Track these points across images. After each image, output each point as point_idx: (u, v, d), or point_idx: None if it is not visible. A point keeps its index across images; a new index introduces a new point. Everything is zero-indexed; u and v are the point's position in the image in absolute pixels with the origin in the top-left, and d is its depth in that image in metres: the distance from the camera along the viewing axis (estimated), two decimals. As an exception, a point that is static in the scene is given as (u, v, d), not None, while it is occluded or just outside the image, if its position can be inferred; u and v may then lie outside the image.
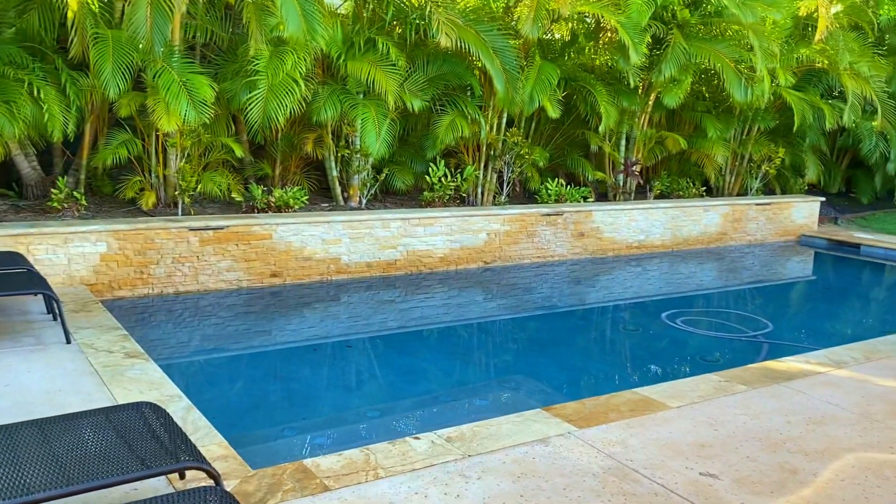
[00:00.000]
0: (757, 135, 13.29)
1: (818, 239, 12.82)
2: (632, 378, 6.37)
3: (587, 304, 9.13)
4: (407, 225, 9.23)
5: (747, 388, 5.14)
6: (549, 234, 10.30)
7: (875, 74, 12.54)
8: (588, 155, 12.25)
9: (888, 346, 6.28)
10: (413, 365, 6.49)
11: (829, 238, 12.65)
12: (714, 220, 11.94)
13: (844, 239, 12.44)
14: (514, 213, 10.03)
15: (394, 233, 9.16)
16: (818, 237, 12.83)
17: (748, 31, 10.81)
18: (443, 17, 9.15)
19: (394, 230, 9.16)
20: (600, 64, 12.04)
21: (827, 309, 9.34)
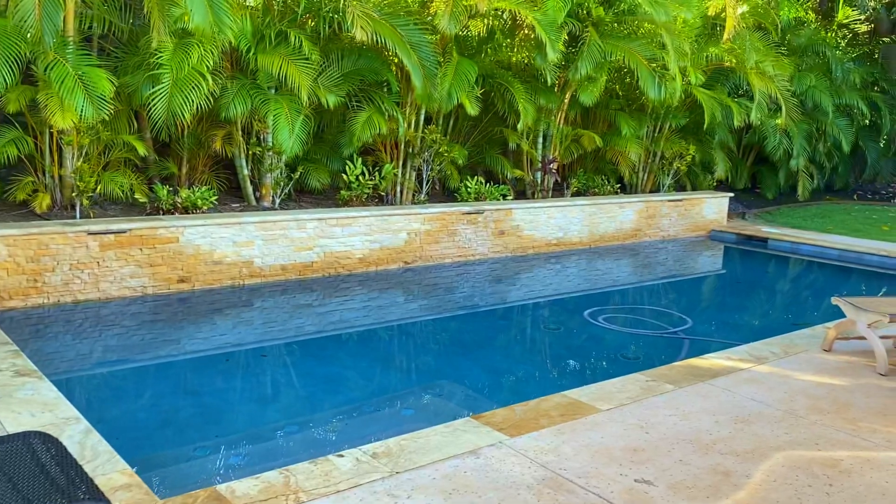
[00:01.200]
0: (668, 132, 13.54)
1: (728, 234, 13.17)
2: (559, 379, 6.27)
3: (510, 302, 9.03)
4: (324, 225, 8.91)
5: (674, 387, 5.11)
6: (469, 233, 10.17)
7: (779, 73, 12.96)
8: (506, 152, 12.19)
9: (804, 339, 6.41)
10: (333, 373, 6.21)
11: (738, 233, 13.01)
12: (629, 217, 12.09)
13: (752, 233, 12.82)
14: (434, 211, 9.84)
15: (310, 234, 8.81)
16: (728, 232, 13.19)
17: (661, 29, 10.96)
18: (357, 10, 8.86)
19: (310, 231, 8.81)
20: (517, 61, 11.99)
21: (741, 303, 9.55)
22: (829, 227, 13.45)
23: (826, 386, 5.25)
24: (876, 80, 17.69)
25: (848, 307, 5.90)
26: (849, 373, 5.56)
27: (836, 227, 13.47)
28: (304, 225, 8.76)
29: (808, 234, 12.63)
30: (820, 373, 5.54)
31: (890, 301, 6.00)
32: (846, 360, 5.85)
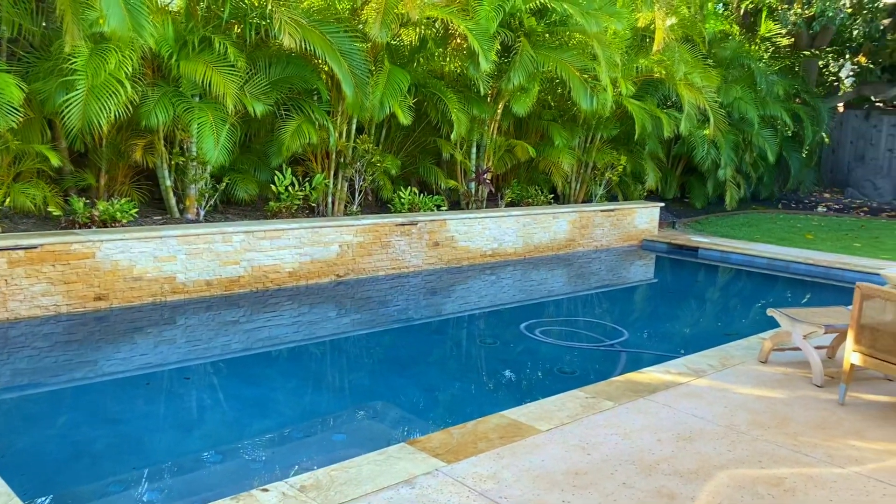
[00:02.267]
0: (600, 143, 13.62)
1: (659, 243, 13.30)
2: (497, 397, 6.08)
3: (445, 316, 8.84)
4: (251, 238, 8.55)
5: (614, 403, 4.99)
6: (403, 245, 9.94)
7: (707, 85, 13.18)
8: (440, 163, 12.02)
9: (740, 351, 6.41)
10: (261, 395, 5.88)
11: (670, 242, 13.16)
12: (563, 227, 12.07)
13: (683, 243, 12.98)
14: (367, 223, 9.59)
15: (236, 247, 8.44)
16: (659, 241, 13.32)
17: (592, 40, 10.99)
18: (285, 16, 8.56)
19: (236, 244, 8.44)
20: (450, 71, 11.86)
21: (675, 313, 9.60)
22: (756, 236, 13.74)
23: (765, 399, 5.22)
24: (798, 93, 18.28)
25: (784, 319, 5.91)
26: (786, 385, 5.55)
27: (763, 236, 13.77)
28: (231, 238, 8.38)
29: (737, 243, 12.86)
30: (758, 386, 5.52)
31: (824, 312, 6.04)
32: (783, 372, 5.85)
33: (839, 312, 6.11)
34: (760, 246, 12.60)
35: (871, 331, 4.98)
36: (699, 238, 13.24)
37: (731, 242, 12.88)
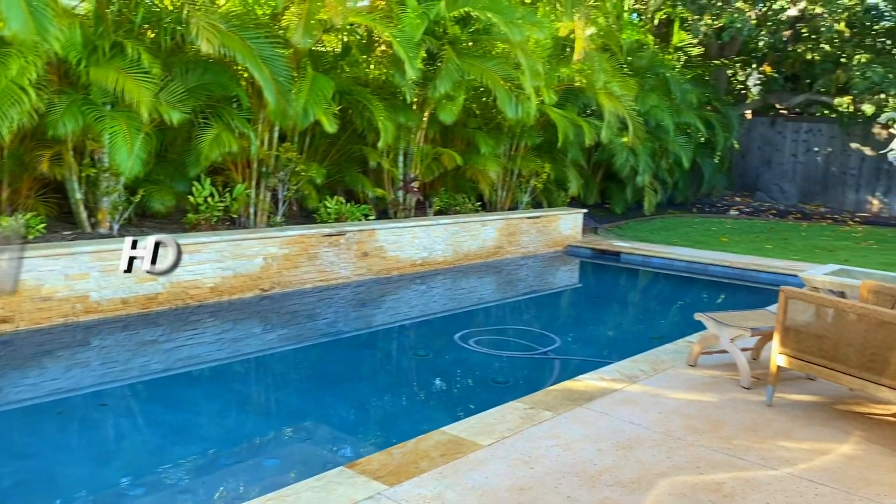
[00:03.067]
0: (524, 151, 13.73)
1: (583, 248, 13.48)
2: (434, 413, 5.96)
3: (377, 328, 8.68)
4: (170, 253, 8.17)
5: (553, 414, 4.96)
6: (331, 256, 9.72)
7: (625, 94, 13.46)
8: (366, 171, 11.84)
9: (669, 355, 6.50)
10: (184, 420, 5.59)
11: (593, 248, 13.35)
12: (491, 235, 12.08)
13: (606, 248, 13.19)
14: (292, 234, 9.32)
15: (155, 262, 8.05)
16: (583, 247, 13.50)
17: (516, 49, 11.05)
18: (203, 21, 8.23)
19: (155, 259, 8.05)
20: (375, 78, 11.72)
21: (603, 318, 9.72)
22: (674, 240, 14.10)
23: (697, 403, 5.29)
24: (709, 101, 18.93)
25: (711, 323, 6.02)
26: (715, 388, 5.65)
27: (681, 240, 14.14)
28: (148, 253, 7.99)
29: (656, 247, 13.16)
30: (689, 390, 5.59)
31: (748, 315, 6.19)
32: (711, 375, 5.95)
33: (763, 315, 6.28)
34: (679, 249, 12.92)
35: (795, 333, 5.11)
36: (621, 243, 13.49)
37: (651, 247, 13.17)
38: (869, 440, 4.67)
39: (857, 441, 4.66)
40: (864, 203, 19.42)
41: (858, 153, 19.45)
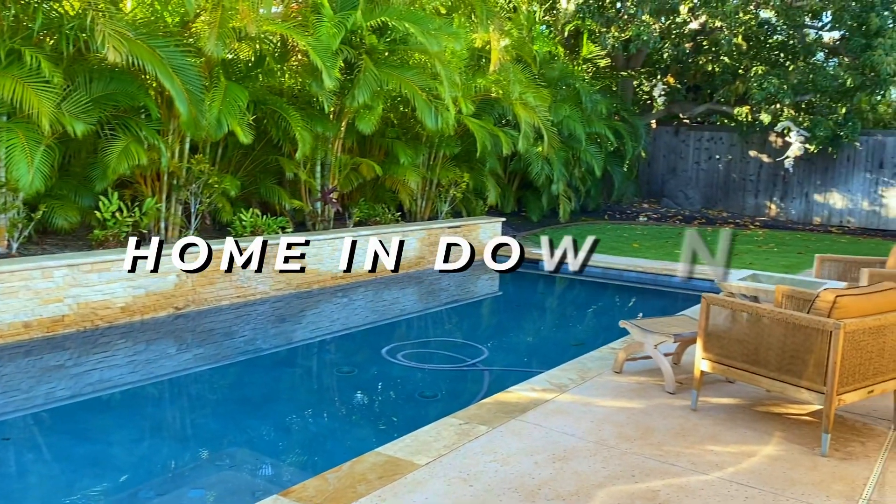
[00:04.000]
0: (443, 160, 13.75)
1: (503, 257, 13.56)
2: (366, 432, 5.82)
3: (298, 344, 8.45)
4: (76, 272, 7.74)
5: (488, 428, 4.92)
6: (248, 271, 9.43)
7: (540, 104, 13.68)
8: (283, 182, 11.58)
9: (595, 362, 6.58)
10: (97, 452, 5.27)
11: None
12: (413, 245, 12.01)
13: (527, 256, 13.31)
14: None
15: (59, 283, 7.60)
16: (504, 255, 13.58)
17: (434, 59, 11.04)
18: (108, 28, 7.84)
19: (59, 280, 7.60)
20: (289, 87, 11.48)
21: (528, 327, 9.80)
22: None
23: (626, 411, 5.36)
24: (617, 111, 19.48)
25: (635, 330, 6.14)
26: (642, 394, 5.75)
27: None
28: (51, 273, 7.54)
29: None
30: (618, 397, 5.67)
31: (670, 321, 6.34)
32: (637, 382, 6.06)
33: (684, 321, 6.45)
34: (595, 256, 13.17)
35: (717, 338, 5.25)
36: (538, 250, 13.64)
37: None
38: (790, 440, 4.84)
39: (779, 442, 4.82)
40: (763, 208, 20.38)
41: (757, 160, 20.41)
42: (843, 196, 19.03)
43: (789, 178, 19.74)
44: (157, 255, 8.38)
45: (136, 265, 8.22)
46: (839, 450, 4.67)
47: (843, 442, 4.79)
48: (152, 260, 8.34)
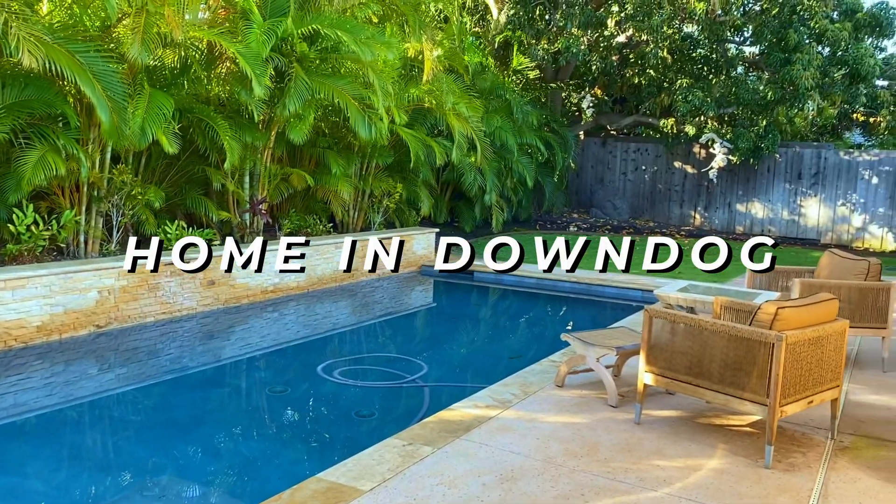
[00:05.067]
0: (376, 171, 13.57)
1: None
2: (304, 456, 5.58)
3: (228, 362, 8.12)
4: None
5: (433, 449, 4.78)
6: (174, 286, 9.04)
7: (472, 115, 13.67)
8: (209, 193, 11.19)
9: (536, 376, 6.53)
10: (11, 485, 4.88)
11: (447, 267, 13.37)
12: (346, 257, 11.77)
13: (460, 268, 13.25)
14: (130, 264, 8.57)
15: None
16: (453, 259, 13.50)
17: (367, 68, 10.88)
18: (23, 31, 7.39)
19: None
20: (216, 95, 11.11)
21: (466, 340, 9.70)
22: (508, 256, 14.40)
23: (571, 426, 5.31)
24: (548, 122, 19.68)
25: (577, 343, 6.10)
26: (586, 409, 5.71)
27: (529, 257, 14.47)
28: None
29: (507, 264, 13.36)
30: (562, 412, 5.61)
31: (611, 334, 6.34)
32: (580, 395, 6.03)
33: (624, 333, 6.46)
34: (529, 266, 13.22)
35: (660, 351, 5.26)
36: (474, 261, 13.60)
37: (502, 264, 13.36)
38: (734, 452, 4.87)
39: (723, 454, 4.84)
40: (688, 217, 20.93)
41: (682, 171, 20.96)
42: (764, 206, 19.71)
43: (713, 189, 20.33)
44: (157, 255, 8.89)
45: (136, 265, 8.64)
46: (781, 461, 4.72)
47: (784, 453, 4.85)
48: (152, 260, 8.78)
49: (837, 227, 18.75)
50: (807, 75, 16.55)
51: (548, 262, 13.03)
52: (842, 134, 20.70)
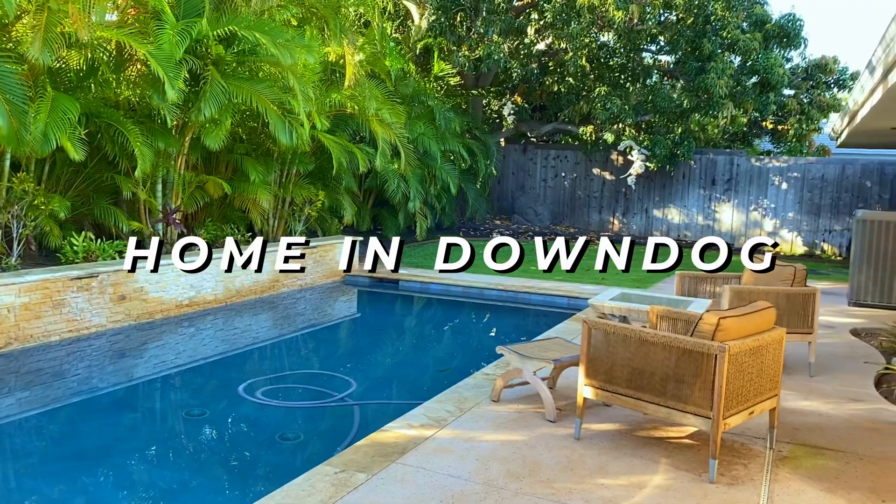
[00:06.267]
0: (296, 178, 13.15)
1: (361, 277, 13.18)
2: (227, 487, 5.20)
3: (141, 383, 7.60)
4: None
5: (367, 475, 4.51)
6: (81, 302, 8.43)
7: (396, 121, 13.43)
8: (119, 202, 10.55)
9: (471, 391, 6.33)
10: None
11: (371, 276, 13.09)
12: (266, 268, 11.32)
13: (384, 276, 12.99)
14: (33, 280, 7.94)
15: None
16: (361, 276, 13.19)
17: (287, 72, 10.48)
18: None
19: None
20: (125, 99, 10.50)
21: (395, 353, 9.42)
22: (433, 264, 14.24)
23: (510, 445, 5.12)
24: (469, 129, 19.63)
25: (514, 356, 5.94)
26: (524, 424, 5.54)
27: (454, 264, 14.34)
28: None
29: (433, 272, 13.19)
30: (499, 429, 5.43)
31: (547, 346, 6.20)
32: (517, 410, 5.86)
33: (559, 344, 6.34)
34: (456, 275, 13.07)
35: (600, 364, 5.14)
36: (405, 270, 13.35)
37: (427, 273, 13.17)
38: (676, 467, 4.78)
39: (667, 469, 4.75)
40: (607, 223, 21.26)
41: (600, 178, 21.28)
42: (679, 211, 20.20)
43: (631, 195, 20.70)
44: (157, 255, 9.34)
45: (136, 265, 8.99)
46: (724, 474, 4.66)
47: (726, 465, 4.80)
48: (152, 260, 9.22)
49: (750, 232, 19.38)
50: (721, 83, 17.03)
51: (501, 266, 13.10)
52: (752, 141, 21.41)
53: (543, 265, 13.78)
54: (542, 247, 15.30)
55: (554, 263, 14.32)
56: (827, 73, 19.52)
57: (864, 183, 18.38)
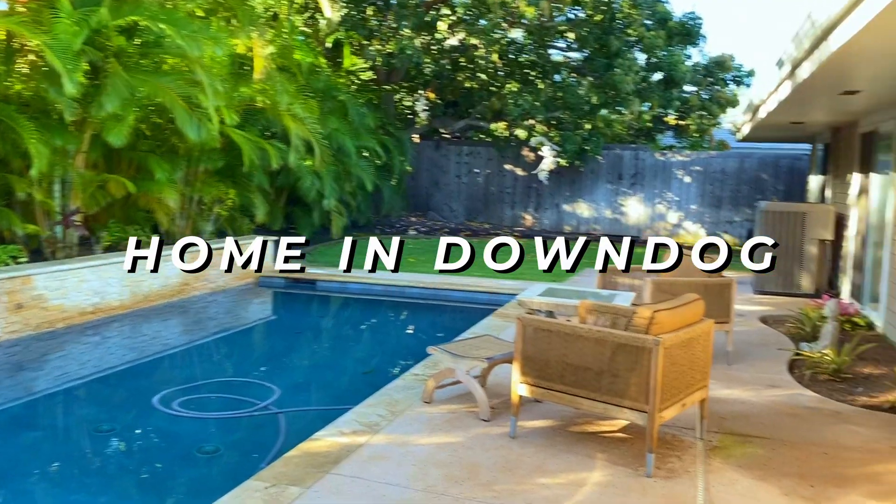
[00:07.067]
0: (204, 175, 12.61)
1: (276, 279, 12.78)
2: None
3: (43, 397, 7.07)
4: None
5: (301, 489, 4.28)
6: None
7: (308, 116, 13.09)
8: (13, 204, 9.82)
9: (401, 393, 6.17)
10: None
11: (286, 277, 12.72)
12: (175, 271, 10.79)
13: (300, 276, 12.64)
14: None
15: None
16: (276, 277, 12.79)
17: (195, 65, 10.01)
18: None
19: None
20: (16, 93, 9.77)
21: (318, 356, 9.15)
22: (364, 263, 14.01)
23: (447, 447, 4.99)
24: (383, 125, 19.41)
25: (445, 356, 5.82)
26: (458, 425, 5.43)
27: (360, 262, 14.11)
28: None
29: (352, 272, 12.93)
30: (434, 431, 5.29)
31: (478, 344, 6.11)
32: (450, 411, 5.74)
33: (489, 341, 6.26)
34: (375, 273, 12.85)
35: (535, 361, 5.08)
36: (315, 270, 13.03)
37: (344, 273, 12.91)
38: (613, 462, 4.77)
39: (604, 465, 4.73)
40: (520, 218, 21.47)
41: (512, 173, 21.46)
42: (589, 205, 20.62)
43: (542, 190, 20.97)
44: (157, 255, 9.56)
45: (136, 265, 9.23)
46: (661, 467, 4.67)
47: (661, 458, 4.82)
48: (152, 260, 9.53)
49: (656, 224, 19.98)
50: (628, 80, 17.45)
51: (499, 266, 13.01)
52: (655, 137, 22.07)
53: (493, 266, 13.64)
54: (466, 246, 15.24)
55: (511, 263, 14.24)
56: (725, 70, 20.32)
57: (760, 175, 19.24)
